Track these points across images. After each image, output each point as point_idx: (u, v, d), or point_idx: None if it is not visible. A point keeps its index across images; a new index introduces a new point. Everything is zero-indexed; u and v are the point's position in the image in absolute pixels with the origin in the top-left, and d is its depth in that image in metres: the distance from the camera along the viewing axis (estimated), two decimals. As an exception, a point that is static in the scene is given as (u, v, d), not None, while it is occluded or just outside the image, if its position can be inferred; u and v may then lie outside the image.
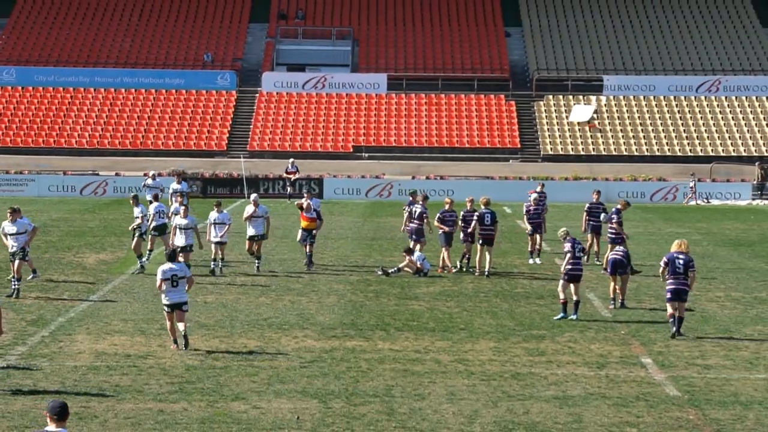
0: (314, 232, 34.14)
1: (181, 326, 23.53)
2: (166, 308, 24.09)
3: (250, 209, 35.49)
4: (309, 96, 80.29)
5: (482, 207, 35.86)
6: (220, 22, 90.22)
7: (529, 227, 39.42)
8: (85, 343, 23.89)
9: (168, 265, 24.38)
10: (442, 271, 36.31)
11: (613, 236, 34.00)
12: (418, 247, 36.92)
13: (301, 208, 36.48)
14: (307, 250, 33.94)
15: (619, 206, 37.32)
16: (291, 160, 65.26)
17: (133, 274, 34.62)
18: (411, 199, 38.69)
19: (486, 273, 35.02)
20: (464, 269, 35.45)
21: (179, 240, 32.98)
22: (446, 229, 36.55)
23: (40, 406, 15.12)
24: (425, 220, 36.34)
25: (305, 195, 39.77)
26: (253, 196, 38.25)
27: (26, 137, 76.27)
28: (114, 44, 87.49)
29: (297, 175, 63.36)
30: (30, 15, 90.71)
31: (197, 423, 17.89)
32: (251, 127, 79.41)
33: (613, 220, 35.24)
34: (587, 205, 39.71)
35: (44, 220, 53.83)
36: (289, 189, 62.02)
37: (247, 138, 78.76)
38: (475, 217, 35.88)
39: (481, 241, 35.77)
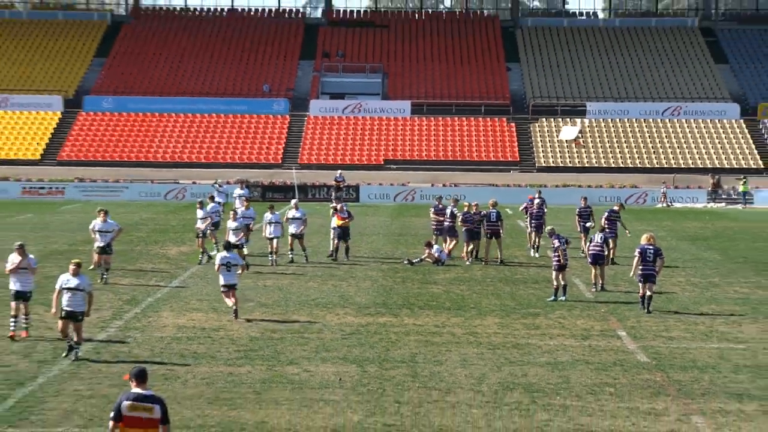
0: (346, 228, 33.95)
1: (230, 302, 23.80)
2: (222, 288, 24.35)
3: (291, 212, 35.38)
4: (347, 119, 79.85)
5: (490, 207, 35.79)
6: (276, 60, 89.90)
7: (530, 226, 39.01)
8: (169, 319, 24.01)
9: (224, 254, 24.77)
10: (467, 259, 35.84)
11: (610, 233, 33.27)
12: (453, 243, 36.85)
13: (335, 210, 36.51)
14: (340, 245, 33.70)
15: (615, 208, 37.37)
16: (339, 171, 65.05)
17: (203, 264, 34.76)
18: (437, 203, 38.34)
19: (500, 261, 34.93)
20: (468, 261, 34.89)
21: (232, 237, 32.46)
22: (469, 227, 36.39)
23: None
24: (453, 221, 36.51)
25: (334, 198, 40.63)
26: (293, 201, 38.45)
27: (121, 153, 76.08)
28: (191, 78, 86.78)
29: (344, 183, 62.93)
30: (124, 56, 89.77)
31: (259, 383, 18.06)
32: (301, 144, 78.47)
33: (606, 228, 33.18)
34: (577, 209, 39.27)
35: (136, 219, 53.89)
36: (335, 194, 61.51)
37: (297, 153, 77.76)
38: (482, 214, 35.66)
39: (489, 235, 35.67)
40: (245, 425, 15.71)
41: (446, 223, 37.73)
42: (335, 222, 33.81)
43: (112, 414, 10.66)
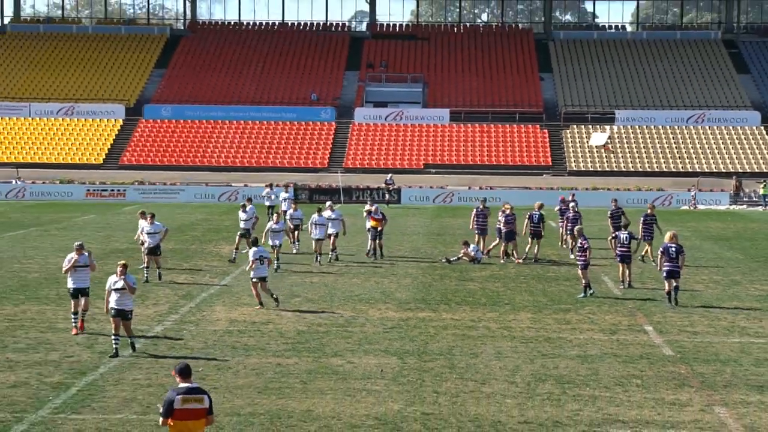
0: (380, 229, 33.83)
1: (261, 294, 24.03)
2: (252, 280, 24.49)
3: (326, 213, 35.23)
4: (390, 126, 79.40)
5: (535, 209, 35.56)
6: (323, 70, 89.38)
7: (566, 231, 38.59)
8: (221, 313, 24.03)
9: (255, 249, 24.76)
10: (503, 258, 35.42)
11: (647, 236, 33.67)
12: (497, 243, 36.25)
13: (369, 212, 36.32)
14: (376, 245, 33.52)
15: (649, 211, 37.17)
16: (389, 175, 65.21)
17: (233, 262, 35.05)
18: (480, 205, 37.62)
19: (534, 259, 34.84)
20: (503, 260, 34.41)
21: (272, 239, 32.57)
22: (510, 228, 36.11)
23: (189, 360, 14.93)
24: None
25: (368, 202, 39.55)
26: (328, 203, 38.22)
27: (178, 158, 75.94)
28: (244, 88, 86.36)
29: (393, 186, 62.94)
30: (182, 67, 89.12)
31: (305, 373, 18.17)
32: (346, 149, 78.07)
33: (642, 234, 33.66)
34: (609, 211, 39.05)
35: (191, 220, 54.60)
36: (387, 196, 61.79)
37: (342, 158, 77.22)
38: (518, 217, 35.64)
39: (531, 235, 35.58)
40: (292, 413, 15.78)
41: (500, 226, 36.53)
42: (370, 223, 33.93)
43: (162, 410, 10.74)
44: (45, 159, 79.37)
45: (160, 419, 10.81)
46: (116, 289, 19.02)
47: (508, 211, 36.54)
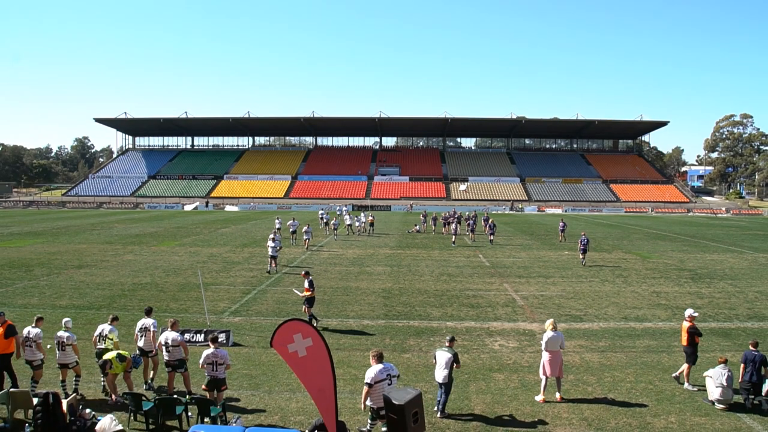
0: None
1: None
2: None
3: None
4: (390, 183, 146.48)
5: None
6: (361, 163, 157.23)
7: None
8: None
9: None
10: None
11: None
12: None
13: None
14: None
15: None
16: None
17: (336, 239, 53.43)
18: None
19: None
20: None
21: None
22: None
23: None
24: None
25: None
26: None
27: (306, 193, 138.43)
28: (336, 169, 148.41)
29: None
30: (312, 163, 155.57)
31: (354, 275, 33.73)
32: (371, 190, 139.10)
33: None
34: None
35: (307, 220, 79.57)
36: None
37: (369, 194, 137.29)
38: None
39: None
40: (349, 288, 30.97)
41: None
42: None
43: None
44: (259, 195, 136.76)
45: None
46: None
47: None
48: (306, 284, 27.05)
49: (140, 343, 20.05)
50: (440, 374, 18.34)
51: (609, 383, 20.58)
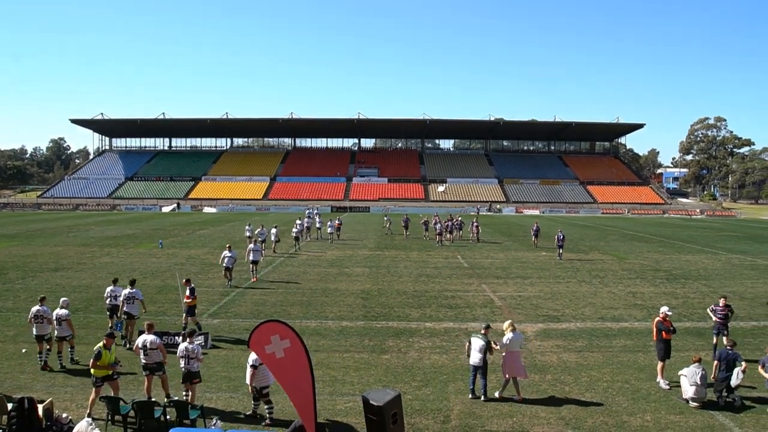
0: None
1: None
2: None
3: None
4: (368, 184, 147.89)
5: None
6: (340, 164, 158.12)
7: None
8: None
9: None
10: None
11: None
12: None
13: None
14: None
15: None
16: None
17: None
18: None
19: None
20: None
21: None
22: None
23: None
24: None
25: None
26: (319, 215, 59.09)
27: (284, 194, 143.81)
28: (315, 170, 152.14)
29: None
30: (290, 164, 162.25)
31: (333, 276, 38.11)
32: (350, 192, 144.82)
33: None
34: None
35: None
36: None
37: (348, 195, 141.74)
38: None
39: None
40: (328, 290, 37.60)
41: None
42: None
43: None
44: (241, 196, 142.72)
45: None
46: None
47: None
48: (187, 292, 26.15)
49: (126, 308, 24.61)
50: (475, 357, 19.61)
51: (586, 383, 21.01)
